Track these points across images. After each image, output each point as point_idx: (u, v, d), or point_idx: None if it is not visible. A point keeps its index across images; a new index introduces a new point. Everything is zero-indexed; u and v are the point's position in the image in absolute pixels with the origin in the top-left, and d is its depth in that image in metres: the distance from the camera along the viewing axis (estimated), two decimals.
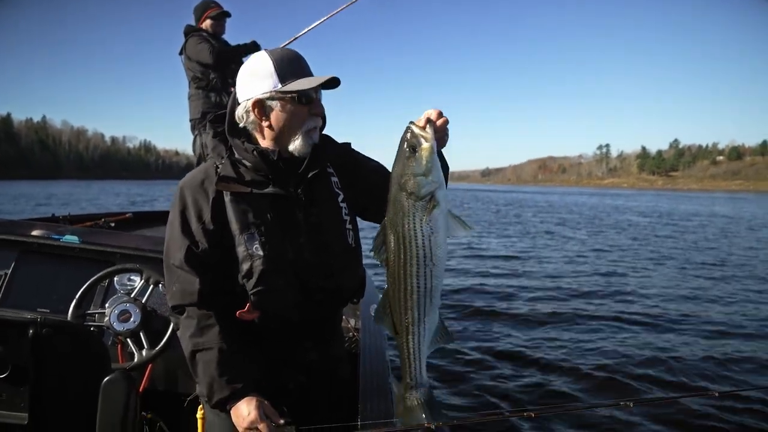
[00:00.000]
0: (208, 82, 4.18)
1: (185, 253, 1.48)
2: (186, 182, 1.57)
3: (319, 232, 1.56)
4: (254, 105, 1.49)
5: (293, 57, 1.51)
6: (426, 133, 1.33)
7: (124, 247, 2.52)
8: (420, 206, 1.32)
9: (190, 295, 1.47)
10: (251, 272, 1.46)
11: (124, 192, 48.92)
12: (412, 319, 1.36)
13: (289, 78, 1.47)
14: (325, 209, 1.58)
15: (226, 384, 1.43)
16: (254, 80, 1.49)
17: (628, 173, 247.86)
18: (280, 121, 1.50)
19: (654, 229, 22.64)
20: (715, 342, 6.28)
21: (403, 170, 1.33)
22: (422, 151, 1.31)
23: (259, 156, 1.50)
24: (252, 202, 1.50)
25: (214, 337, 1.44)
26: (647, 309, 7.87)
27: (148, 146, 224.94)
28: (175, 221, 1.52)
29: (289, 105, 1.48)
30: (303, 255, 1.53)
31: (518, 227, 22.53)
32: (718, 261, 13.09)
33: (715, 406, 4.37)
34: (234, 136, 1.55)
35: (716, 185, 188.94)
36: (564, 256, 13.37)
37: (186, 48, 4.24)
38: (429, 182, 1.31)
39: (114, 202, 32.61)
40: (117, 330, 2.13)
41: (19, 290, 2.42)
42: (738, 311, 7.86)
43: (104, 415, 1.33)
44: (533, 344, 6.08)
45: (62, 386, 1.54)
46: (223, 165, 1.52)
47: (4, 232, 2.53)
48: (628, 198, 65.06)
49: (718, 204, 51.55)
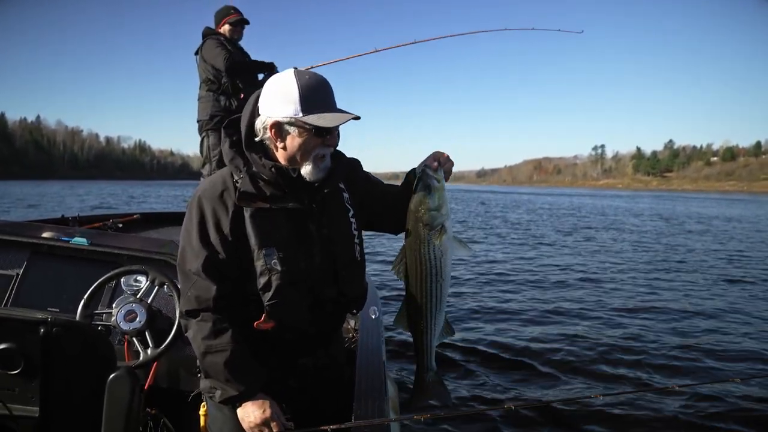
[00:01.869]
0: (220, 85, 4.23)
1: (203, 263, 1.52)
2: (205, 192, 1.59)
3: (330, 243, 1.63)
4: (272, 126, 1.51)
5: (319, 87, 1.52)
6: (438, 176, 1.64)
7: (130, 249, 2.60)
8: (433, 234, 1.63)
9: (205, 301, 1.52)
10: (269, 285, 1.52)
11: (118, 192, 48.59)
12: (426, 321, 1.69)
13: (312, 109, 1.48)
14: (336, 222, 1.65)
15: (237, 383, 1.50)
16: (277, 101, 1.50)
17: (623, 174, 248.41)
18: (293, 147, 1.53)
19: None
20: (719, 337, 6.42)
21: (420, 205, 1.64)
22: (436, 191, 1.63)
23: (277, 172, 1.53)
24: (270, 217, 1.54)
25: (227, 340, 1.50)
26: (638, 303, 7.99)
27: (143, 146, 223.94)
28: (193, 231, 1.55)
29: (306, 135, 1.51)
30: (314, 266, 1.60)
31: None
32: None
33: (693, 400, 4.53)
34: (251, 150, 1.57)
35: (710, 186, 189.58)
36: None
37: (202, 49, 4.29)
38: (440, 215, 1.64)
39: (105, 202, 32.34)
40: (123, 329, 2.21)
41: (30, 290, 2.49)
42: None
43: (110, 408, 1.40)
44: (531, 341, 6.18)
45: (71, 382, 1.61)
46: (243, 180, 1.54)
47: (16, 233, 2.61)
48: (635, 200, 64.53)
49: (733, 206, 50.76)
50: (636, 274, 11.10)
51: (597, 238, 18.86)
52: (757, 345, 6.24)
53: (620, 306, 8.08)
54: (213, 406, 1.67)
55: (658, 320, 7.28)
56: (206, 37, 4.33)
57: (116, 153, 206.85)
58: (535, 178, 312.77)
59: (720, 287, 9.88)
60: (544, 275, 10.72)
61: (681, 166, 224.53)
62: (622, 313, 7.67)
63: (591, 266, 12.07)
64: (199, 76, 4.37)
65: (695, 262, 13.20)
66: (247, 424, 1.51)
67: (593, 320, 7.25)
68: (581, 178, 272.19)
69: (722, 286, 9.98)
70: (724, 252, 15.37)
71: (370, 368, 2.06)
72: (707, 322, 7.22)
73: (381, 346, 2.33)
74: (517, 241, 17.23)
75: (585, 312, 7.68)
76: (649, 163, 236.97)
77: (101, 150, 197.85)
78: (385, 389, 1.92)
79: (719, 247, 16.72)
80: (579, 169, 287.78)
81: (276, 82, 1.53)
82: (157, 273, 2.31)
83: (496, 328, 6.73)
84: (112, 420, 1.40)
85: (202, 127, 4.35)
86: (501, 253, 14.13)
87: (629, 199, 66.93)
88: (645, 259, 13.47)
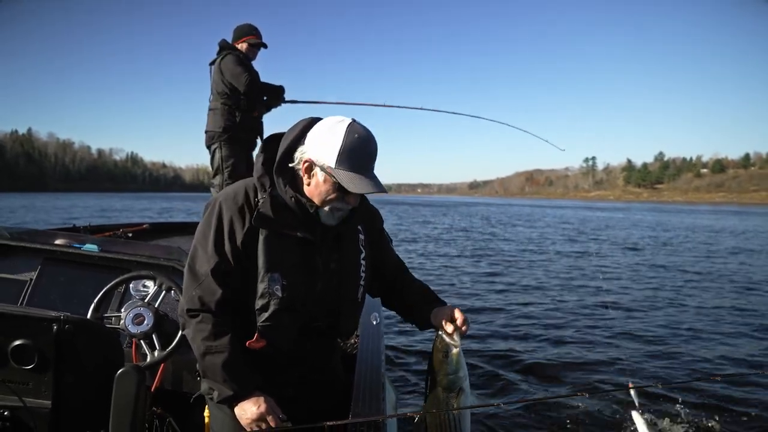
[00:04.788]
0: (238, 101, 4.28)
1: (213, 267, 1.56)
2: (226, 200, 1.63)
3: (335, 279, 1.68)
4: (306, 161, 1.55)
5: (364, 148, 1.54)
6: (454, 341, 1.65)
7: (139, 255, 2.68)
8: (452, 396, 1.66)
9: (208, 303, 1.56)
10: (266, 308, 1.56)
11: (104, 206, 47.35)
12: None
13: (347, 166, 1.50)
14: (345, 261, 1.70)
15: (233, 383, 1.54)
16: (321, 142, 1.53)
17: (614, 186, 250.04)
18: (316, 189, 1.57)
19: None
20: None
21: (438, 370, 1.67)
22: (452, 356, 1.65)
23: (296, 203, 1.58)
24: (282, 242, 1.58)
25: (225, 343, 1.54)
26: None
27: (135, 158, 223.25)
28: (209, 233, 1.59)
29: (330, 186, 1.54)
30: (315, 298, 1.65)
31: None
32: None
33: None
34: (280, 174, 1.59)
35: (700, 197, 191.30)
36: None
37: (222, 63, 4.30)
38: (458, 378, 1.66)
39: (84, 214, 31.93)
40: (132, 332, 2.28)
41: (43, 294, 2.57)
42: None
43: (118, 404, 1.45)
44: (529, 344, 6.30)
45: (81, 377, 1.66)
46: (264, 201, 1.58)
47: (30, 240, 2.70)
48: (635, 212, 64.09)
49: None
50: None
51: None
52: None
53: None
54: (214, 406, 1.72)
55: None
56: (224, 50, 4.37)
57: (108, 165, 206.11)
58: (527, 190, 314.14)
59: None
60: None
61: (671, 178, 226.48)
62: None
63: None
64: (214, 86, 4.39)
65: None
66: (244, 421, 1.56)
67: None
68: (573, 190, 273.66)
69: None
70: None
71: (370, 373, 2.12)
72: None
73: (381, 352, 2.39)
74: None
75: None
76: (639, 175, 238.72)
77: (93, 162, 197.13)
78: (384, 394, 1.98)
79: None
80: (570, 181, 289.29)
81: (329, 126, 1.55)
82: (165, 278, 2.39)
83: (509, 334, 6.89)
84: (119, 413, 1.45)
85: (212, 137, 4.38)
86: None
87: (647, 213, 63.96)
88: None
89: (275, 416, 1.57)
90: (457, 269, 13.18)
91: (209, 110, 4.43)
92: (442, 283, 10.91)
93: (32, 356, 1.60)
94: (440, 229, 27.82)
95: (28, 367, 1.61)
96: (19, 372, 1.61)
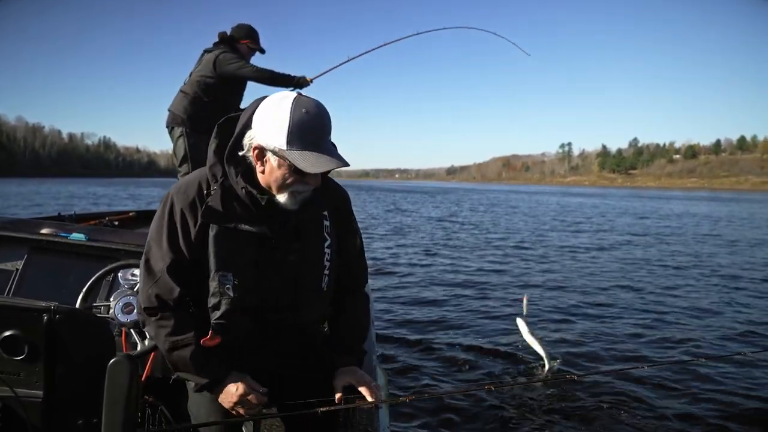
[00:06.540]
0: (216, 95, 4.12)
1: (169, 264, 1.51)
2: (177, 193, 1.56)
3: (294, 270, 1.58)
4: (255, 148, 1.44)
5: (312, 125, 1.40)
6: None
7: (127, 244, 2.65)
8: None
9: (167, 301, 1.52)
10: (218, 307, 1.51)
11: (80, 193, 46.05)
12: None
13: (298, 145, 1.38)
14: (306, 250, 1.59)
15: (207, 371, 1.53)
16: (267, 123, 1.41)
17: (590, 171, 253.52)
18: (271, 177, 1.46)
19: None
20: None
21: None
22: None
23: (247, 196, 1.48)
24: (233, 239, 1.50)
25: (191, 336, 1.52)
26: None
27: (107, 143, 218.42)
28: (163, 229, 1.54)
29: (285, 169, 1.43)
30: (271, 293, 1.57)
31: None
32: None
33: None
34: (231, 163, 1.49)
35: (673, 183, 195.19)
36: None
37: (220, 57, 4.09)
38: None
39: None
40: (121, 321, 2.25)
41: (30, 284, 2.53)
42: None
43: (110, 392, 1.46)
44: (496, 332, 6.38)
45: (73, 367, 1.65)
46: (214, 194, 1.49)
47: (16, 229, 2.65)
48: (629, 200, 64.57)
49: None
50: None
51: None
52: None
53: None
54: (190, 390, 1.70)
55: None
56: (224, 43, 4.21)
57: (80, 150, 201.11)
58: (504, 176, 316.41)
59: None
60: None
61: (645, 164, 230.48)
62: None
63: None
64: (196, 74, 4.18)
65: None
66: (227, 404, 1.55)
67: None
68: (549, 175, 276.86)
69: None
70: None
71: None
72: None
73: (371, 335, 2.39)
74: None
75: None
76: (614, 161, 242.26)
77: (64, 147, 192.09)
78: (374, 377, 1.97)
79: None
80: (547, 167, 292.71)
81: (273, 104, 1.42)
82: None
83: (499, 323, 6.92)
84: (112, 403, 1.45)
85: (174, 119, 4.16)
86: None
87: (622, 199, 61.64)
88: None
89: (256, 393, 1.55)
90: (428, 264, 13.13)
91: (180, 91, 4.24)
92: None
93: (22, 347, 1.58)
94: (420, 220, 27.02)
95: (19, 358, 1.59)
96: (10, 362, 1.60)
